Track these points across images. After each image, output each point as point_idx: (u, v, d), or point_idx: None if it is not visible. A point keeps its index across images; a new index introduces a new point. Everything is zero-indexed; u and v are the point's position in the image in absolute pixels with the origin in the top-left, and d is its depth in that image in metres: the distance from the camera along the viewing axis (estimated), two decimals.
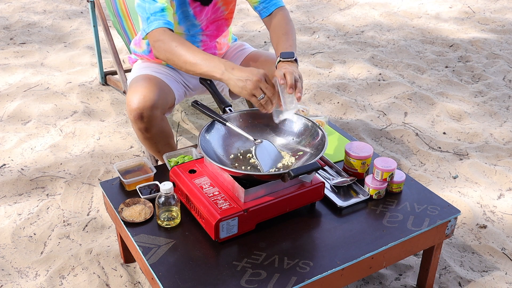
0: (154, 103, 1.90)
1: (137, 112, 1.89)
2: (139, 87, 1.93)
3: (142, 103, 1.88)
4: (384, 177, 1.74)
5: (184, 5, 1.96)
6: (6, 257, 2.01)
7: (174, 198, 1.58)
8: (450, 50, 4.01)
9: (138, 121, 1.92)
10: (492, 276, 1.98)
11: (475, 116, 3.11)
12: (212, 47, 2.19)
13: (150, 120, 1.91)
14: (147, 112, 1.89)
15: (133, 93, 1.92)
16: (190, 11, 1.99)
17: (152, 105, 1.90)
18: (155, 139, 2.00)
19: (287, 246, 1.56)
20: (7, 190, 2.36)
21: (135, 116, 1.90)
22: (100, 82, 3.24)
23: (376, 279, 1.95)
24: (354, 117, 3.03)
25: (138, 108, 1.88)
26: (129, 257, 1.97)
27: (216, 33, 2.16)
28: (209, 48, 2.18)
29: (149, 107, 1.89)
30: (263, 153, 1.67)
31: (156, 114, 1.92)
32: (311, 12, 4.67)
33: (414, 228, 1.65)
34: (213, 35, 2.16)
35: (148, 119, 1.91)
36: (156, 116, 1.93)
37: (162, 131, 1.99)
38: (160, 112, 1.95)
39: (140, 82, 1.97)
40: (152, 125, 1.93)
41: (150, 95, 1.90)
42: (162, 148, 2.05)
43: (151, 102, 1.89)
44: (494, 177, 2.56)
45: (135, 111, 1.89)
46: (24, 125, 2.83)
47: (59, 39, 3.93)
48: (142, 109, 1.89)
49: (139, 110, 1.89)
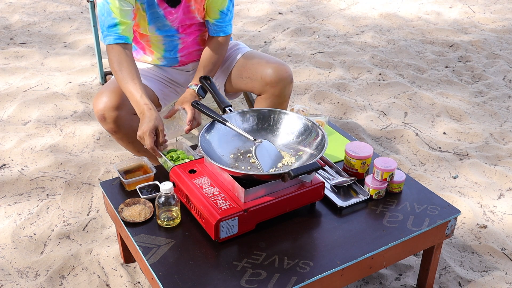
0: (117, 104, 1.94)
1: (99, 113, 1.96)
2: (104, 89, 1.99)
3: (103, 105, 1.94)
4: (384, 177, 1.74)
5: (152, 6, 1.99)
6: (6, 257, 2.01)
7: (174, 198, 1.58)
8: (450, 50, 4.01)
9: (102, 123, 1.98)
10: (492, 276, 1.98)
11: (475, 116, 3.11)
12: (194, 43, 2.19)
13: (114, 121, 1.96)
14: (109, 113, 1.94)
15: (97, 96, 1.99)
16: (160, 12, 2.01)
17: (115, 105, 1.94)
18: (127, 139, 2.04)
19: (287, 246, 1.56)
20: (7, 190, 2.36)
21: (98, 117, 1.97)
22: (100, 82, 3.24)
23: (376, 279, 1.95)
24: (354, 117, 3.03)
25: (100, 109, 1.95)
26: (129, 257, 1.97)
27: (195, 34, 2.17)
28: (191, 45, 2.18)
29: (111, 108, 1.94)
30: (263, 153, 1.67)
31: (121, 114, 1.96)
32: (311, 12, 4.67)
33: (414, 228, 1.65)
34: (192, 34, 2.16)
35: (111, 119, 1.95)
36: (121, 116, 1.96)
37: (133, 131, 2.00)
38: (126, 113, 1.98)
39: (107, 85, 2.03)
40: (118, 125, 1.97)
41: (112, 96, 1.95)
42: (142, 148, 2.07)
43: (112, 103, 1.94)
44: (494, 177, 2.56)
45: (98, 113, 1.96)
46: (24, 125, 2.83)
47: (59, 39, 3.93)
48: (103, 111, 1.94)
49: (100, 111, 1.95)
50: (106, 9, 1.90)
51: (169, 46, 2.14)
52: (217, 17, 2.07)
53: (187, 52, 2.18)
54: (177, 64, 2.22)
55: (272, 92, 2.12)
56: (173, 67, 2.23)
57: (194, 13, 2.07)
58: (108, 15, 1.90)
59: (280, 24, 4.34)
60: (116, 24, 1.90)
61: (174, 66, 2.22)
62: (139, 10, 1.99)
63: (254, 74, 2.13)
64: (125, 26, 1.92)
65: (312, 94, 3.24)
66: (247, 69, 2.16)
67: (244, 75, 2.17)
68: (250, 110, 1.83)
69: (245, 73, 2.17)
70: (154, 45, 2.13)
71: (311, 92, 3.26)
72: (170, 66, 2.22)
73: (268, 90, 2.13)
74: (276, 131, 1.82)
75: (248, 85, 2.18)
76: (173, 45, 2.14)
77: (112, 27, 1.91)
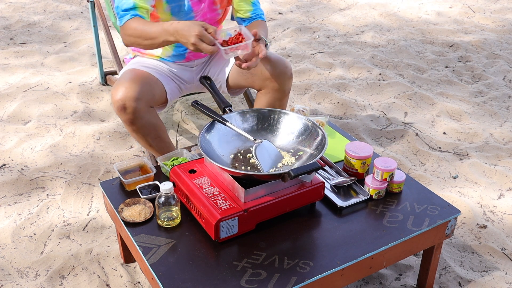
0: (137, 94, 1.94)
1: (120, 103, 1.93)
2: (123, 80, 1.99)
3: (124, 94, 1.93)
4: (384, 177, 1.74)
5: None
6: (6, 257, 2.01)
7: (174, 198, 1.58)
8: (450, 50, 4.01)
9: (121, 113, 1.96)
10: (492, 276, 1.98)
11: (475, 116, 3.11)
12: None
13: (133, 112, 1.95)
14: (130, 103, 1.93)
15: (116, 85, 1.97)
16: (188, 3, 2.02)
17: (135, 96, 1.93)
18: (143, 131, 2.03)
19: (287, 246, 1.56)
20: (7, 190, 2.36)
21: (118, 107, 1.95)
22: (100, 82, 3.24)
23: (376, 279, 1.95)
24: (354, 117, 3.03)
25: (121, 99, 1.93)
26: (129, 257, 1.97)
27: None
28: None
29: (132, 98, 1.93)
30: (263, 153, 1.67)
31: (140, 105, 1.96)
32: (311, 12, 4.67)
33: (414, 228, 1.65)
34: None
35: (131, 110, 1.94)
36: (140, 108, 1.96)
37: (149, 124, 2.02)
38: (145, 104, 1.98)
39: (125, 76, 2.03)
40: (137, 116, 1.97)
41: (133, 87, 1.95)
42: (153, 142, 2.07)
43: (133, 94, 1.93)
44: (494, 177, 2.56)
45: (118, 102, 1.94)
46: (24, 125, 2.83)
47: (59, 39, 3.93)
48: (124, 100, 1.93)
49: (121, 101, 1.93)
50: None
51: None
52: (251, 9, 2.14)
53: None
54: (182, 60, 2.23)
55: (272, 86, 2.13)
56: (177, 62, 2.24)
57: (217, 4, 2.10)
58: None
59: (280, 24, 4.34)
60: (134, 8, 1.92)
61: (179, 62, 2.23)
62: (161, 2, 2.00)
63: (254, 69, 2.14)
64: (143, 10, 1.93)
65: (312, 94, 3.24)
66: None
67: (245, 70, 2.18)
68: (250, 110, 1.83)
69: None
70: None
71: (311, 92, 3.26)
72: (175, 61, 2.23)
73: (268, 85, 2.14)
74: (276, 131, 1.82)
75: (248, 80, 2.19)
76: None
77: (129, 10, 1.92)
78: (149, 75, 2.09)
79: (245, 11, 2.14)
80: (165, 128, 2.15)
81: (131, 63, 2.24)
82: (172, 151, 1.91)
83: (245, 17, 2.15)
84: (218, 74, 2.26)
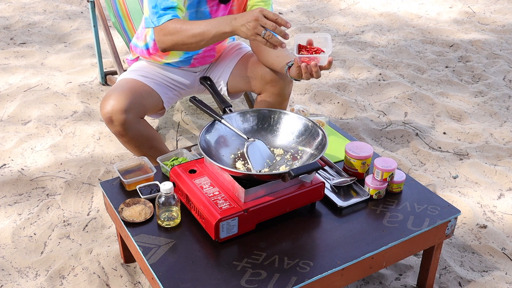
0: (124, 106, 1.93)
1: (107, 116, 1.94)
2: (112, 91, 1.98)
3: (111, 107, 1.93)
4: (384, 177, 1.74)
5: (200, 4, 1.97)
6: (6, 257, 2.01)
7: (174, 198, 1.58)
8: (450, 50, 4.01)
9: (110, 125, 1.97)
10: (492, 276, 1.98)
11: (475, 116, 3.11)
12: (212, 49, 2.21)
13: (121, 124, 1.95)
14: (117, 115, 1.93)
15: (105, 98, 1.97)
16: (206, 9, 2.00)
17: (123, 108, 1.93)
18: (135, 142, 2.04)
19: (287, 246, 1.56)
20: (7, 190, 2.36)
21: (105, 119, 1.96)
22: (100, 82, 3.24)
23: (376, 279, 1.95)
24: (354, 117, 3.03)
25: (108, 112, 1.93)
26: (129, 257, 1.97)
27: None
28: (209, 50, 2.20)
29: (119, 110, 1.93)
30: (255, 152, 1.68)
31: (128, 117, 1.95)
32: (311, 12, 4.67)
33: (414, 228, 1.65)
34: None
35: (118, 122, 1.94)
36: (129, 120, 1.95)
37: (140, 135, 2.02)
38: (134, 116, 1.97)
39: (116, 87, 2.02)
40: (125, 128, 1.97)
41: (121, 99, 1.94)
42: (148, 152, 2.07)
43: (121, 106, 1.93)
44: (494, 177, 2.56)
45: (105, 115, 1.95)
46: (24, 125, 2.83)
47: (59, 39, 3.93)
48: (111, 113, 1.93)
49: (108, 114, 1.94)
50: None
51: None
52: None
53: (202, 55, 2.19)
54: (187, 66, 2.22)
55: (272, 91, 2.13)
56: (181, 67, 2.23)
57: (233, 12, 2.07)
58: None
59: None
60: (175, 8, 1.84)
61: (184, 67, 2.22)
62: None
63: (254, 73, 2.14)
64: (181, 12, 1.88)
65: (312, 94, 3.24)
66: (247, 68, 2.17)
67: (245, 74, 2.17)
68: (250, 110, 1.84)
69: (246, 72, 2.17)
70: None
71: (311, 92, 3.26)
72: (179, 67, 2.22)
73: (268, 89, 2.13)
74: (276, 131, 1.82)
75: (248, 84, 2.18)
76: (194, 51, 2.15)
77: (169, 9, 1.84)
78: (143, 86, 2.08)
79: None
80: (160, 137, 2.14)
81: (129, 70, 2.21)
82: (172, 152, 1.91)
83: None
84: (218, 77, 2.26)
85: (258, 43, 2.08)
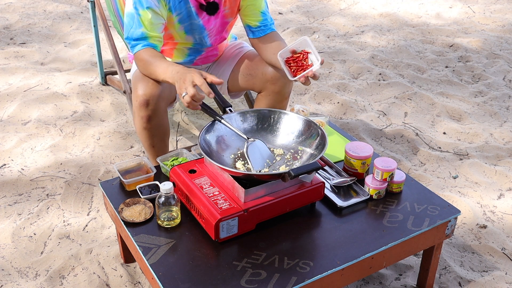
0: (160, 93, 1.94)
1: (143, 98, 1.92)
2: (143, 78, 1.97)
3: (149, 90, 1.92)
4: (384, 177, 1.74)
5: (190, 17, 1.98)
6: (6, 257, 2.01)
7: (174, 198, 1.58)
8: (450, 50, 4.01)
9: (143, 108, 1.94)
10: (492, 276, 1.98)
11: (475, 116, 3.11)
12: (214, 49, 2.22)
13: (154, 109, 1.95)
14: (153, 100, 1.93)
15: (140, 81, 1.95)
16: (200, 22, 2.01)
17: (158, 94, 1.93)
18: (153, 131, 2.03)
19: (287, 246, 1.56)
20: (7, 190, 2.36)
21: (140, 102, 1.93)
22: (100, 82, 3.24)
23: (376, 279, 1.95)
24: (354, 117, 3.03)
25: (145, 94, 1.92)
26: (129, 257, 1.97)
27: (219, 40, 2.20)
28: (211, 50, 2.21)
29: (156, 95, 1.92)
30: (255, 152, 1.68)
31: (161, 105, 1.96)
32: (311, 12, 4.67)
33: (414, 228, 1.65)
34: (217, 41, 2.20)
35: (153, 107, 1.94)
36: (160, 107, 1.96)
37: (161, 124, 2.03)
38: (164, 105, 1.99)
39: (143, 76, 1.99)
40: (155, 114, 1.97)
41: (157, 85, 1.94)
42: (157, 144, 2.07)
43: (157, 91, 1.93)
44: (494, 177, 2.56)
45: (142, 97, 1.92)
46: (24, 125, 2.83)
47: (59, 39, 3.93)
48: (148, 96, 1.92)
49: (145, 96, 1.92)
50: (136, 21, 1.89)
51: (193, 53, 2.17)
52: (260, 19, 2.09)
53: (206, 55, 2.21)
54: (190, 64, 2.24)
55: (272, 89, 2.13)
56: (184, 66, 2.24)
57: (228, 17, 2.09)
58: (137, 27, 1.89)
59: (280, 24, 4.34)
60: (145, 37, 1.90)
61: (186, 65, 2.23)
62: (172, 24, 1.99)
63: (255, 71, 2.14)
64: (154, 38, 1.92)
65: (312, 94, 3.24)
66: (248, 66, 2.18)
67: (245, 72, 2.18)
68: (250, 110, 1.84)
69: (246, 70, 2.18)
70: (179, 51, 2.15)
71: (311, 92, 3.26)
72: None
73: (268, 87, 2.14)
74: (276, 131, 1.82)
75: (249, 82, 2.19)
76: (198, 53, 2.17)
77: (141, 40, 1.90)
78: None
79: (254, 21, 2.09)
80: (169, 134, 2.15)
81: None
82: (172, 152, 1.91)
83: (254, 26, 2.10)
84: (219, 76, 2.26)
85: (258, 41, 2.11)
